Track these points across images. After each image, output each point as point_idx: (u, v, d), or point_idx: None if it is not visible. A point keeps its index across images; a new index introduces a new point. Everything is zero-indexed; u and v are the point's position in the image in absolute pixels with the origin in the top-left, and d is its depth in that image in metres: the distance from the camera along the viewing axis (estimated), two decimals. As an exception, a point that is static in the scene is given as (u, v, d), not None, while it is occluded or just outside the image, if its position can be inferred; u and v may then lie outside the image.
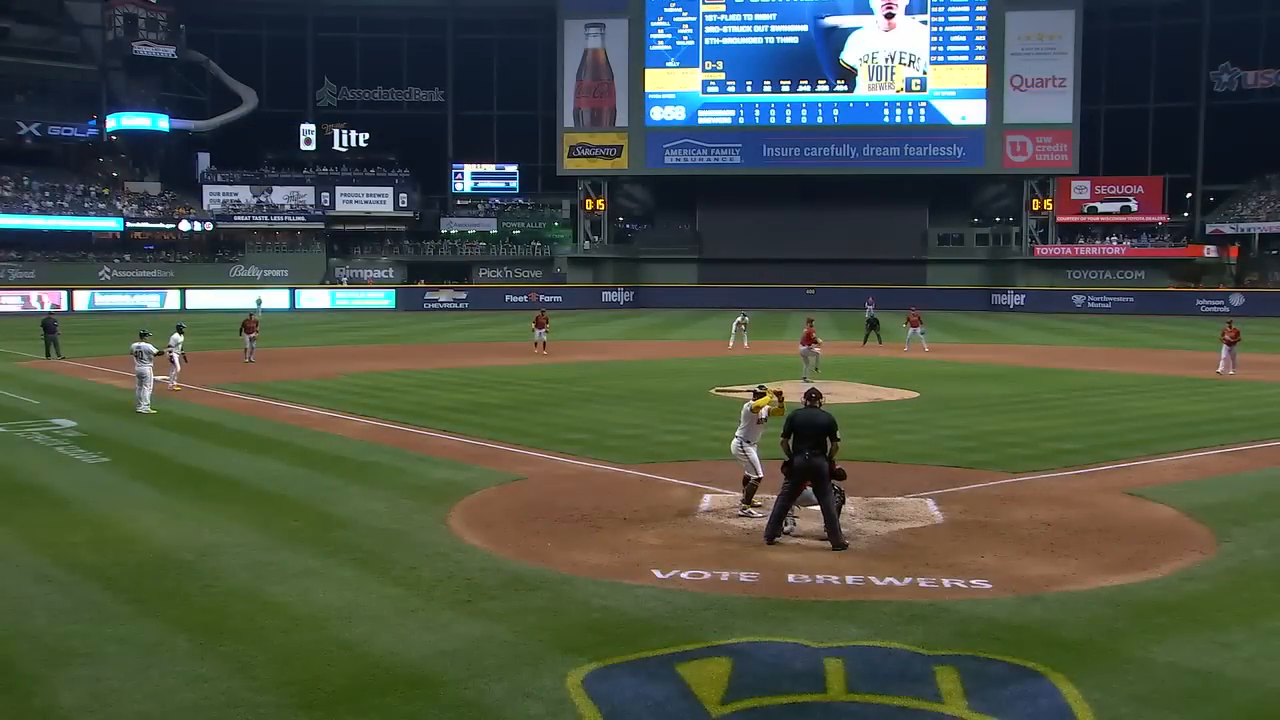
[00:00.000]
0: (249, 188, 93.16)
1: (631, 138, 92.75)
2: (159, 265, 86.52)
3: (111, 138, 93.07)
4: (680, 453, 19.31)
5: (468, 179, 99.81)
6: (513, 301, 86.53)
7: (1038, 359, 39.89)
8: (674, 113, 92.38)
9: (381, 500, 15.24)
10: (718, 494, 15.54)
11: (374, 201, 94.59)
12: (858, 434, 20.23)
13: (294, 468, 17.80)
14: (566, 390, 29.31)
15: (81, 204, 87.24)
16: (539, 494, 15.85)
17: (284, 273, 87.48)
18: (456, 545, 12.82)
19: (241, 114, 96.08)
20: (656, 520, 14.04)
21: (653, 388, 29.72)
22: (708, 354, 42.17)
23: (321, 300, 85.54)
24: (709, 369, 35.55)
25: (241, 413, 25.05)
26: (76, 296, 78.07)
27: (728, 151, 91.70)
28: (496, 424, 22.71)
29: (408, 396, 27.83)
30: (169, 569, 11.78)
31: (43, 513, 14.43)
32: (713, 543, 12.93)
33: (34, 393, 28.33)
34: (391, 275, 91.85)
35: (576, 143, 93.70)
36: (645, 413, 24.60)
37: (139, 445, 20.16)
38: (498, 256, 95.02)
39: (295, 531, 13.42)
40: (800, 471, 12.80)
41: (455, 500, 15.23)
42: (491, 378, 32.62)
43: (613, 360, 39.04)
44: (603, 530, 13.54)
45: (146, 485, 16.34)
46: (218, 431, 21.98)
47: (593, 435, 21.12)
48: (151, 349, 25.51)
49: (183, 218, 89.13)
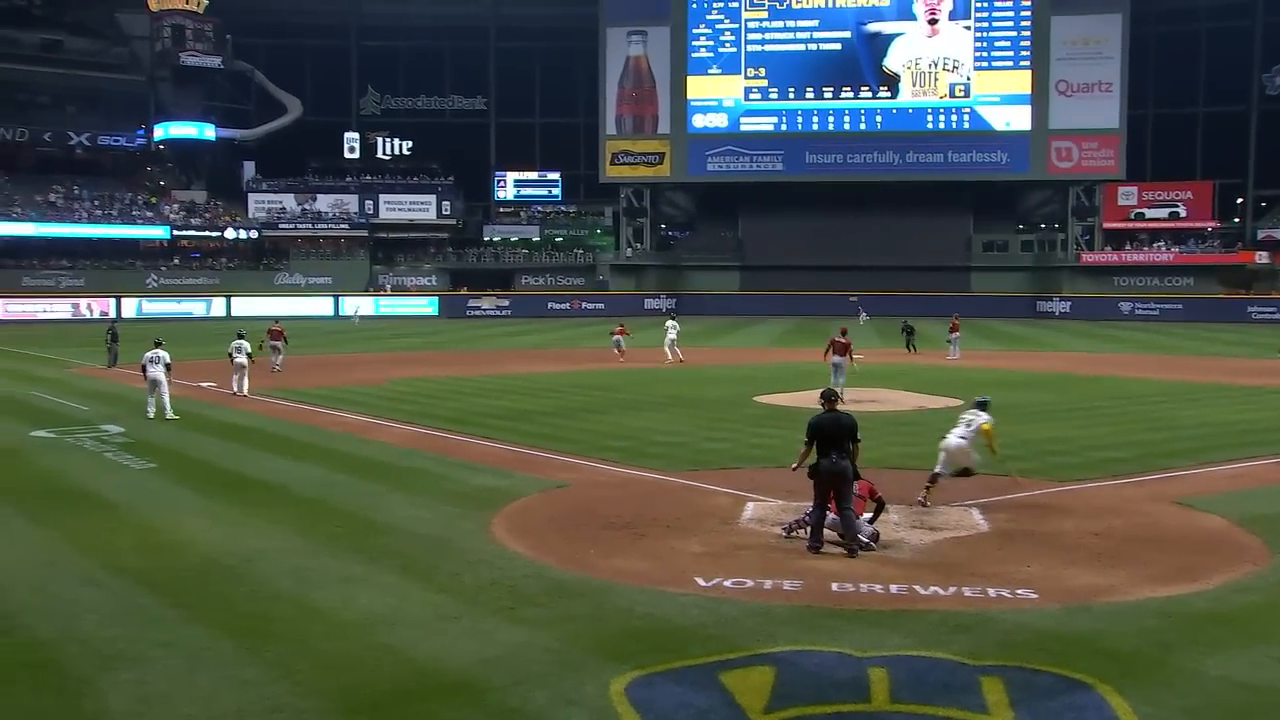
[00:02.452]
0: (293, 195, 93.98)
1: (674, 145, 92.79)
2: (205, 273, 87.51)
3: (159, 147, 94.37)
4: (722, 460, 19.23)
5: (510, 186, 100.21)
6: (555, 309, 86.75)
7: (1083, 366, 39.47)
8: (716, 120, 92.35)
9: (424, 506, 15.29)
10: (760, 502, 15.46)
11: (417, 209, 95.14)
12: (901, 441, 20.11)
13: (337, 473, 17.90)
14: (608, 397, 29.30)
15: (129, 212, 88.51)
16: (581, 501, 15.83)
17: (328, 280, 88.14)
18: (499, 552, 12.83)
19: (286, 122, 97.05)
20: (699, 528, 13.99)
21: (695, 395, 29.66)
22: (750, 361, 42.06)
23: (365, 307, 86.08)
24: (751, 376, 35.44)
25: (285, 419, 25.24)
26: (124, 304, 79.13)
27: (770, 158, 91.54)
28: (538, 431, 22.73)
29: (450, 403, 27.92)
30: (214, 574, 11.88)
31: (91, 517, 14.59)
32: (756, 550, 12.87)
33: (83, 399, 28.70)
34: (434, 282, 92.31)
35: (618, 150, 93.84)
36: (687, 420, 24.52)
37: (185, 451, 20.36)
38: (540, 264, 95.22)
39: (338, 537, 13.49)
40: (828, 476, 12.74)
41: (498, 507, 15.24)
42: (533, 384, 32.68)
43: (655, 367, 39.01)
44: (645, 538, 13.50)
45: (192, 490, 16.48)
46: (261, 437, 22.15)
47: (634, 442, 21.07)
48: (166, 356, 25.73)
49: (228, 225, 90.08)
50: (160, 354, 25.70)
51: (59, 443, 21.39)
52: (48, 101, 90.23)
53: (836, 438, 12.83)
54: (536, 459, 19.45)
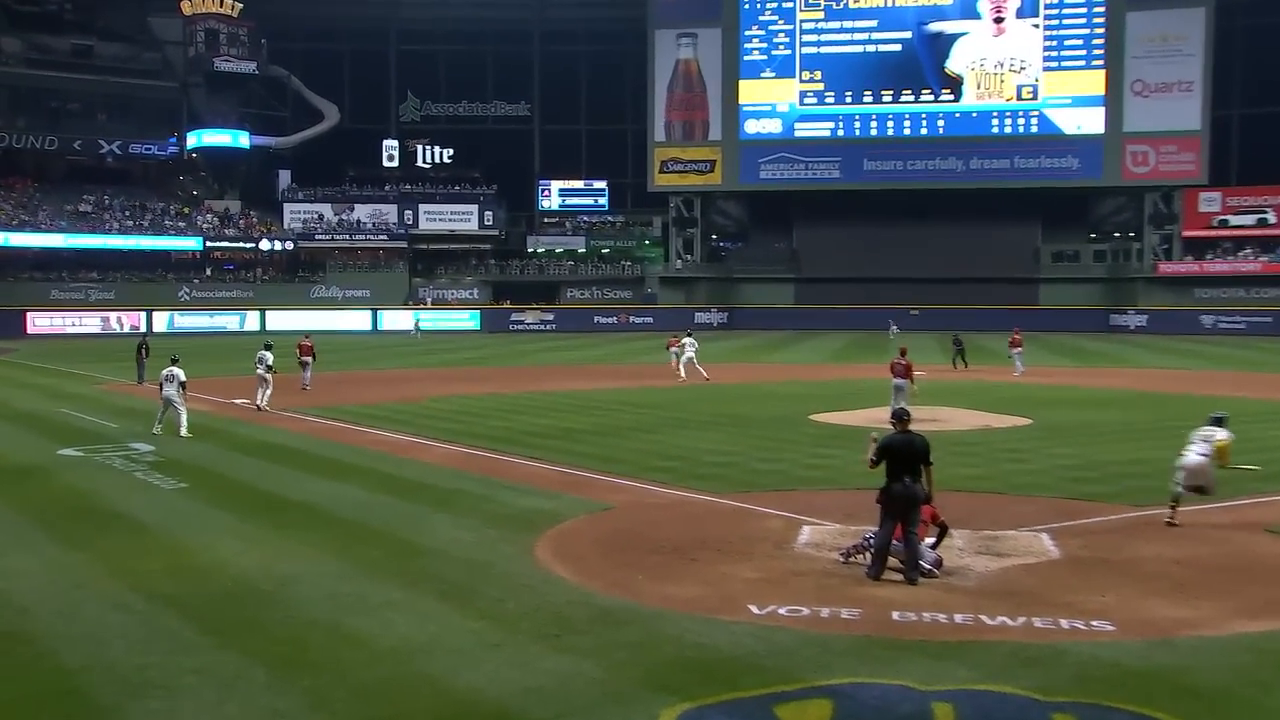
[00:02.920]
0: (330, 205, 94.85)
1: (725, 152, 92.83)
2: (239, 285, 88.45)
3: (192, 155, 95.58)
4: (777, 482, 19.15)
5: (555, 196, 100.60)
6: (602, 323, 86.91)
7: (1161, 384, 38.94)
8: (770, 125, 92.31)
9: (466, 529, 15.33)
10: (817, 525, 15.36)
11: (458, 219, 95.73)
12: (966, 462, 19.96)
13: (375, 494, 18.00)
14: (657, 415, 29.29)
15: (161, 223, 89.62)
16: (629, 524, 15.82)
17: (366, 293, 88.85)
18: (544, 577, 12.83)
19: (323, 130, 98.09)
20: (752, 552, 13.92)
21: (747, 413, 29.57)
22: (806, 378, 41.88)
23: (404, 321, 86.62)
24: (807, 394, 35.30)
25: (322, 437, 25.42)
26: (156, 317, 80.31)
27: (826, 165, 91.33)
28: (584, 450, 22.76)
29: (493, 421, 28.02)
30: (247, 598, 11.96)
31: (120, 539, 14.75)
32: (812, 577, 12.78)
33: (113, 416, 29.06)
34: (476, 295, 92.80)
35: (668, 157, 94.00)
36: (740, 439, 24.46)
37: (217, 470, 20.55)
38: (586, 276, 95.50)
39: (376, 561, 13.54)
40: (900, 500, 12.63)
41: (542, 530, 15.26)
42: (579, 402, 32.73)
43: (706, 384, 38.96)
44: (696, 562, 13.46)
45: (224, 512, 16.63)
46: (297, 456, 22.32)
47: (684, 463, 21.04)
48: (181, 374, 26.04)
49: (263, 236, 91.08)
50: (175, 372, 26.06)
51: (88, 461, 21.66)
52: (78, 109, 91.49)
53: (908, 460, 12.76)
54: (582, 480, 19.45)
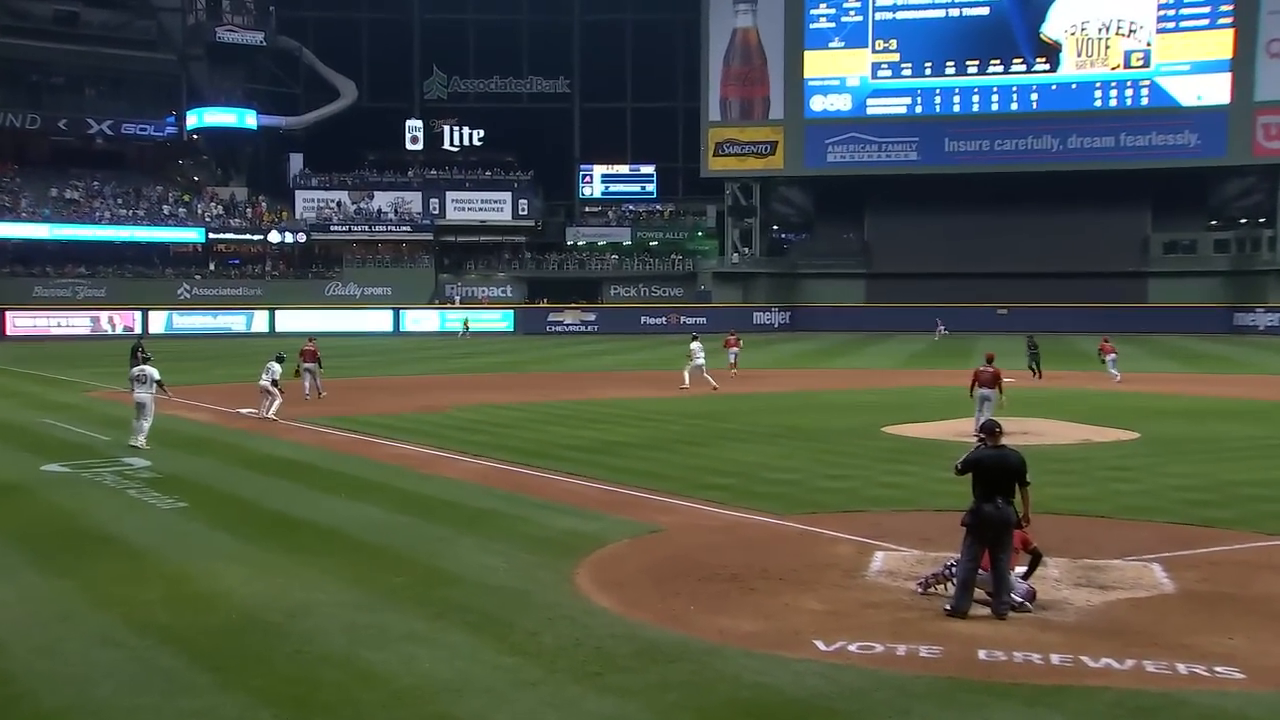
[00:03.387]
0: (347, 193, 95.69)
1: (788, 132, 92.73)
2: (245, 282, 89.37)
3: (192, 137, 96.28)
4: (846, 502, 19.07)
5: (597, 182, 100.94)
6: (649, 324, 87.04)
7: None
8: (838, 102, 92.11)
9: (498, 553, 15.36)
10: (891, 551, 15.27)
11: (490, 209, 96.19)
12: (1063, 481, 19.75)
13: (397, 515, 18.07)
14: (710, 427, 29.23)
15: (158, 212, 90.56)
16: (680, 548, 15.80)
17: (387, 291, 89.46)
18: (584, 607, 12.83)
19: (339, 109, 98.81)
20: (818, 581, 13.87)
21: (812, 425, 29.46)
22: (877, 385, 41.66)
23: (430, 322, 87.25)
24: (879, 403, 35.16)
25: (337, 450, 25.57)
26: (152, 317, 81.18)
27: (902, 146, 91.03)
28: (630, 466, 22.78)
29: (528, 433, 28.08)
30: (253, 631, 12.01)
31: (111, 565, 14.83)
32: (886, 609, 12.69)
33: (103, 427, 29.31)
34: (510, 293, 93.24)
35: (723, 139, 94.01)
36: (804, 454, 24.39)
37: (220, 488, 20.69)
38: (632, 272, 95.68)
39: (398, 589, 13.58)
40: (993, 524, 12.48)
41: (583, 554, 15.26)
42: (624, 412, 32.74)
43: (765, 392, 38.86)
44: (755, 592, 13.41)
45: (228, 534, 16.73)
46: (310, 472, 22.45)
47: (742, 480, 21.02)
48: (155, 373, 26.22)
49: (272, 227, 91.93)
50: (148, 371, 26.19)
51: (75, 478, 21.82)
52: (63, 84, 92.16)
53: (1002, 480, 12.60)
54: (628, 499, 19.46)
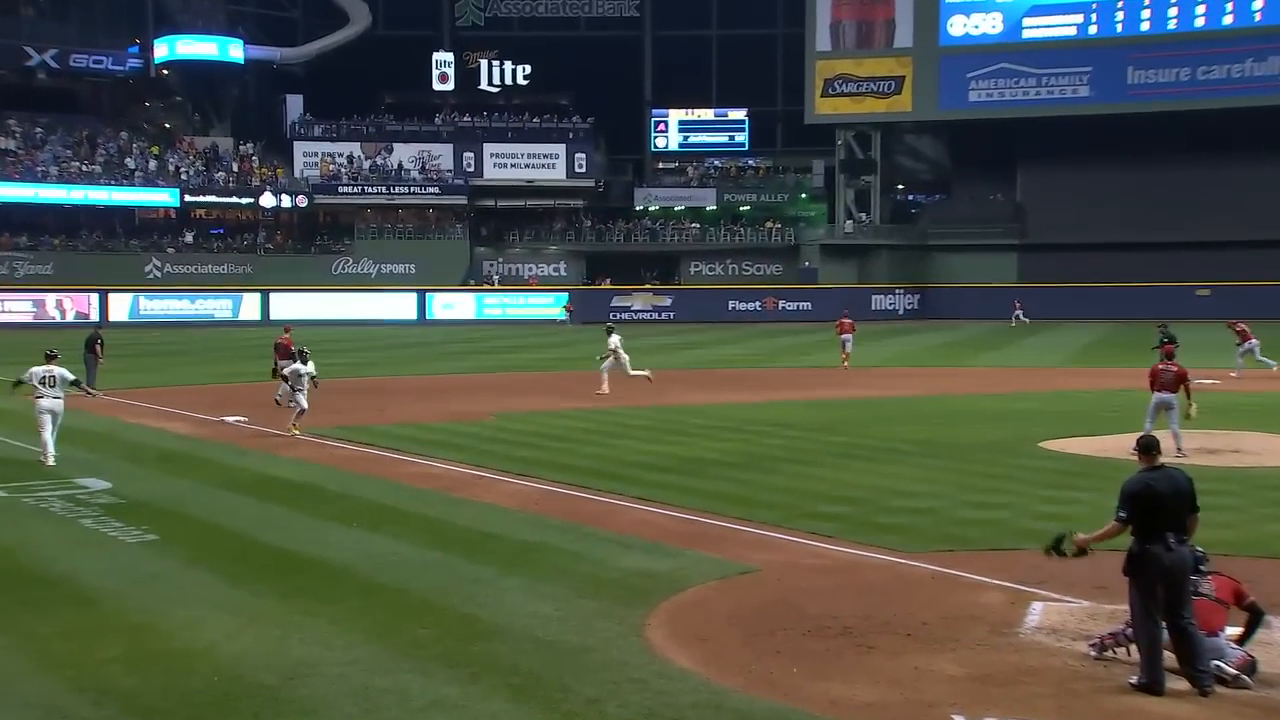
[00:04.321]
0: (359, 145, 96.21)
1: (918, 65, 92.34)
2: (231, 257, 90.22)
3: (161, 72, 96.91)
4: (993, 537, 18.96)
5: (674, 132, 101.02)
6: (739, 309, 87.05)
7: None
8: (985, 23, 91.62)
9: (548, 599, 15.40)
10: (1054, 602, 15.15)
11: (539, 165, 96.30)
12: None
13: (422, 550, 18.18)
14: (818, 440, 29.20)
15: (120, 167, 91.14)
16: (779, 594, 15.79)
17: (409, 269, 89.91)
18: (658, 668, 12.82)
19: (348, 38, 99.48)
20: (958, 639, 13.78)
21: (948, 438, 29.34)
22: (1034, 387, 41.35)
23: (464, 308, 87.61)
24: (1036, 410, 34.93)
25: (347, 469, 25.74)
26: (112, 301, 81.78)
27: (1070, 79, 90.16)
28: (715, 489, 22.80)
29: (587, 447, 28.17)
30: (242, 698, 12.08)
31: (59, 616, 14.94)
32: (1048, 677, 12.59)
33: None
34: (564, 272, 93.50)
35: (835, 74, 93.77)
36: (938, 475, 24.32)
37: (200, 516, 20.85)
38: (717, 244, 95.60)
39: (424, 643, 13.65)
40: (1161, 571, 12.11)
41: (656, 601, 15.29)
42: (709, 421, 32.73)
43: (887, 396, 38.77)
44: (875, 651, 13.37)
45: (210, 574, 16.87)
46: (315, 496, 22.63)
47: (858, 508, 21.00)
48: (67, 374, 26.50)
49: (265, 188, 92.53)
50: (57, 371, 26.28)
51: (12, 504, 22.06)
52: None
53: (1172, 510, 12.23)
54: (713, 530, 19.47)
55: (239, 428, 31.80)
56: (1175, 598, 12.13)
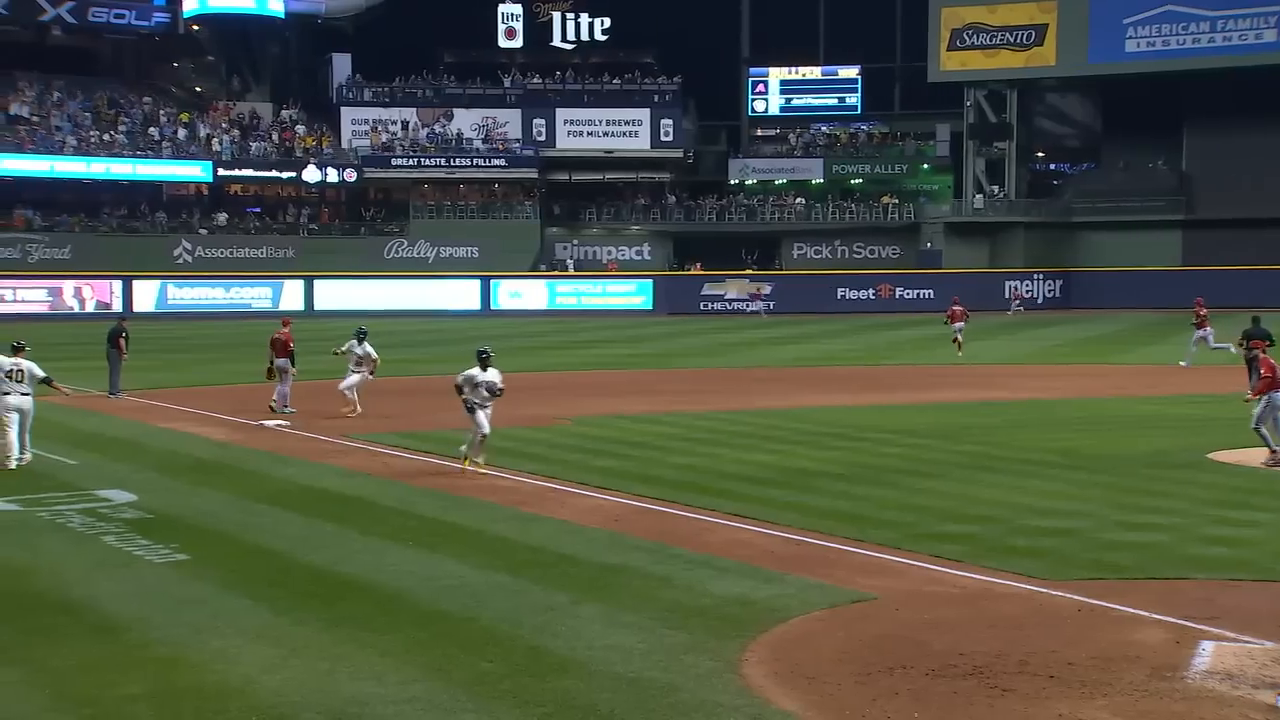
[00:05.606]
0: (415, 111, 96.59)
1: (1064, 10, 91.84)
2: (270, 239, 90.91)
3: (192, 27, 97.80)
4: (1152, 564, 18.84)
5: (774, 93, 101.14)
6: (850, 298, 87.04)
7: None
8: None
9: (632, 629, 15.44)
10: (1227, 642, 15.01)
11: (619, 133, 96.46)
12: None
13: (489, 573, 18.25)
14: (941, 450, 29.18)
15: (145, 137, 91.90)
16: (897, 626, 15.77)
17: (472, 253, 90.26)
18: (758, 711, 12.82)
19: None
20: (1111, 683, 13.68)
21: (1099, 448, 29.17)
22: (1200, 390, 41.01)
23: (534, 297, 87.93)
24: (1203, 416, 34.70)
25: (404, 480, 25.92)
26: (137, 290, 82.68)
27: (1251, 23, 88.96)
28: (823, 505, 22.81)
29: (674, 456, 28.21)
30: (284, 739, 12.21)
31: (78, 646, 15.07)
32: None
33: (70, 446, 29.93)
34: (648, 256, 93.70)
35: (964, 23, 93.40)
36: (1085, 491, 24.21)
37: (235, 533, 21.06)
38: (824, 223, 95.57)
39: (489, 679, 13.71)
40: None
41: (755, 633, 15.29)
42: (816, 428, 32.72)
43: (1025, 399, 38.65)
44: (1011, 694, 13.32)
45: (247, 598, 17.02)
46: (365, 511, 22.79)
47: (990, 527, 20.96)
48: (36, 369, 26.96)
49: (309, 161, 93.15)
50: (25, 365, 26.81)
51: (27, 519, 22.33)
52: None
53: None
54: (821, 553, 19.47)
55: (279, 433, 32.06)
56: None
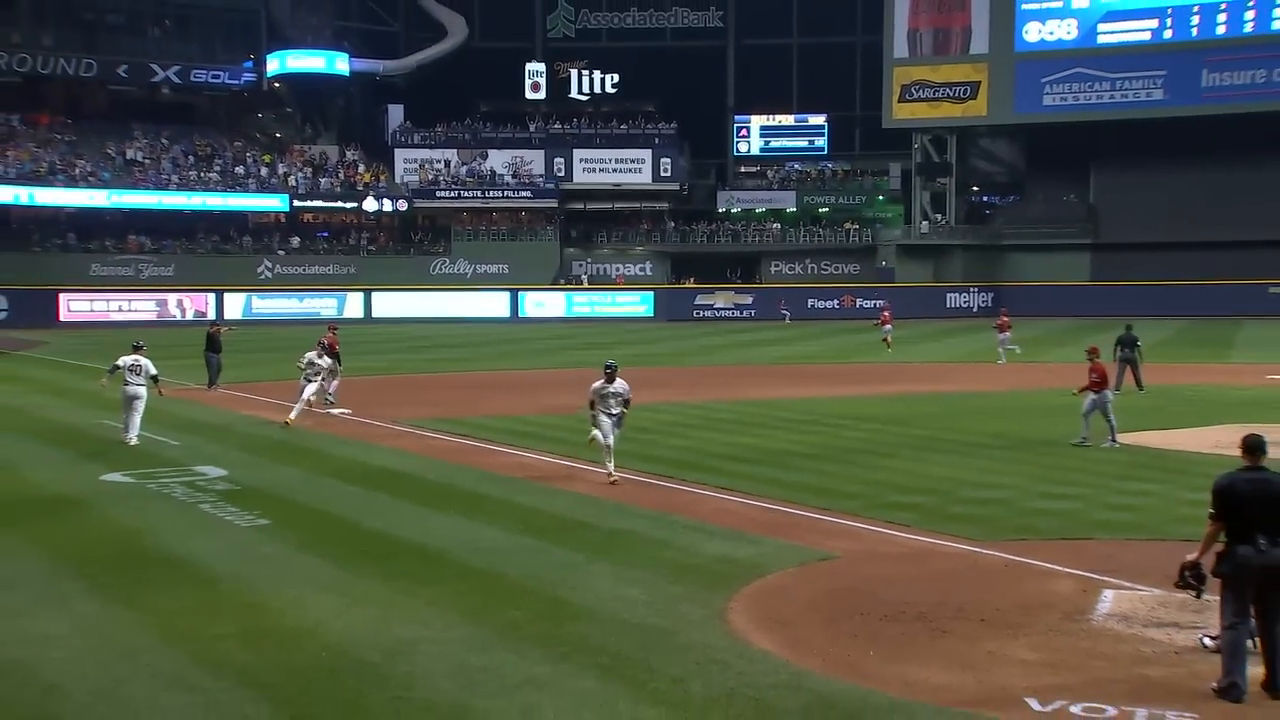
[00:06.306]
0: (456, 152, 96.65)
1: (994, 70, 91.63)
2: (336, 258, 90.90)
3: (273, 85, 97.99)
4: (1066, 527, 18.88)
5: (755, 137, 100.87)
6: (819, 307, 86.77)
7: None
8: (1060, 29, 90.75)
9: (636, 584, 15.48)
10: (1125, 590, 15.06)
11: (626, 169, 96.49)
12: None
13: (516, 536, 18.30)
14: (895, 434, 29.18)
15: (235, 175, 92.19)
16: (857, 581, 15.81)
17: (503, 269, 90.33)
18: (740, 650, 12.86)
19: (446, 50, 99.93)
20: (1031, 625, 13.73)
21: (1025, 431, 29.23)
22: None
23: (554, 306, 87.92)
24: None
25: (446, 459, 25.95)
26: (228, 300, 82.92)
27: (1144, 83, 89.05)
28: (797, 480, 22.81)
29: (674, 439, 28.22)
30: (347, 673, 12.23)
31: (180, 594, 15.21)
32: (1118, 662, 12.50)
33: (173, 430, 29.98)
34: (650, 271, 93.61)
35: (912, 80, 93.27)
36: (1013, 467, 24.28)
37: (308, 503, 21.14)
38: (797, 244, 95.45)
39: (517, 624, 13.75)
40: (1252, 571, 11.53)
41: (739, 586, 15.33)
42: (790, 415, 32.72)
43: (963, 391, 38.61)
44: (950, 636, 13.35)
45: (318, 557, 17.09)
46: (413, 485, 22.83)
47: (935, 498, 20.98)
48: (150, 366, 27.59)
49: (368, 193, 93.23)
50: (142, 361, 27.53)
51: (139, 490, 22.43)
52: (122, 23, 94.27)
53: (1259, 512, 11.59)
54: (794, 519, 19.51)
55: (344, 420, 32.12)
56: (1267, 601, 11.54)
